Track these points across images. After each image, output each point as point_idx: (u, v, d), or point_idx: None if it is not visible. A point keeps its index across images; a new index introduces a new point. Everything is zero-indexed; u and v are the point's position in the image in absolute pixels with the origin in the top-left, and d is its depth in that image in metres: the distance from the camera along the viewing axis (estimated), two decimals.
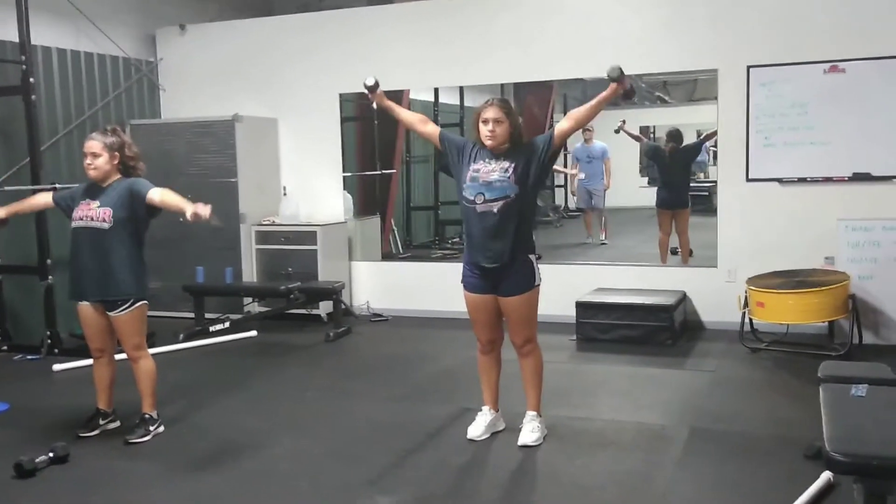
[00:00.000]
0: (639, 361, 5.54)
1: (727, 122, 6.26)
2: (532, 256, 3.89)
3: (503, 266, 3.82)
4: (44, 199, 4.39)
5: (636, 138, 8.68)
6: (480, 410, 4.14)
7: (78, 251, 4.12)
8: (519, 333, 3.95)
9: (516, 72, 6.98)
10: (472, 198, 3.82)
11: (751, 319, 5.75)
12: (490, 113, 3.78)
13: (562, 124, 3.84)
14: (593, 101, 3.78)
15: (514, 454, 3.88)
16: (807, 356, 5.39)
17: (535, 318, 3.99)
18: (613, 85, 3.71)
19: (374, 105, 4.03)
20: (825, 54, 5.92)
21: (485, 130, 3.79)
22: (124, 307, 4.07)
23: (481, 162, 3.83)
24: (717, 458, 3.78)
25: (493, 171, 3.79)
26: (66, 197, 4.23)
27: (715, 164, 6.75)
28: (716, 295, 6.30)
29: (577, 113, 3.83)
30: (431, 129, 4.11)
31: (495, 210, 3.77)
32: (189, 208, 3.82)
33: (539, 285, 3.92)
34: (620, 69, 3.68)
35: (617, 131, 8.35)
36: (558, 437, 4.09)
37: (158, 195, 4.03)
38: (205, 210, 3.79)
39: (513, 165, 3.77)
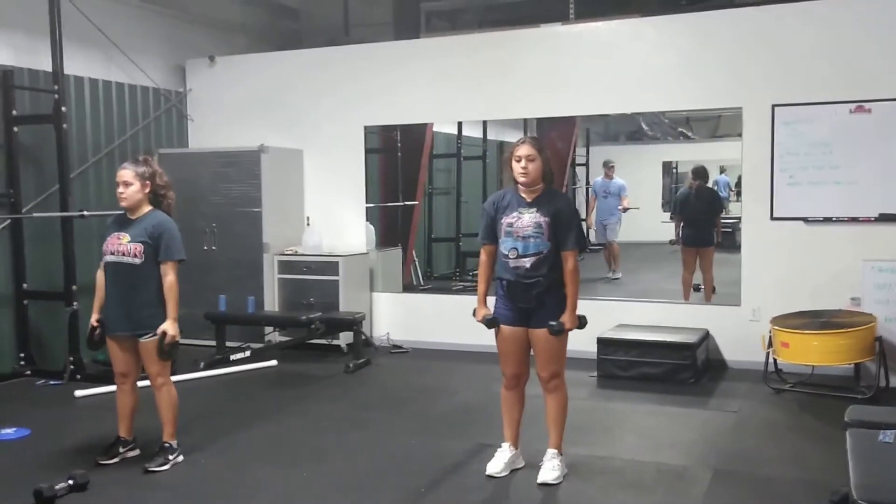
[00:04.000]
0: (660, 400, 5.48)
1: (751, 160, 6.25)
2: (565, 291, 3.91)
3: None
4: (101, 275, 4.27)
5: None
6: (500, 447, 4.11)
7: (110, 285, 4.17)
8: (546, 368, 3.94)
9: (539, 107, 7.02)
10: (506, 252, 3.89)
11: (775, 360, 5.68)
12: (522, 150, 3.87)
13: (569, 264, 3.88)
14: (572, 299, 3.90)
15: (534, 492, 3.84)
16: (832, 398, 5.31)
17: (564, 354, 3.98)
18: (573, 323, 3.90)
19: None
20: (851, 94, 5.90)
21: (518, 168, 3.88)
22: (153, 333, 4.11)
23: (514, 213, 3.89)
24: (740, 502, 3.72)
25: (527, 225, 3.84)
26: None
27: (738, 200, 6.73)
28: (739, 334, 6.23)
29: (571, 286, 3.90)
30: (487, 252, 4.03)
31: (528, 265, 3.84)
32: (167, 324, 4.05)
33: None
34: (561, 328, 3.87)
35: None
36: (578, 475, 4.05)
37: (164, 277, 4.11)
38: (171, 334, 4.04)
39: (546, 220, 3.83)
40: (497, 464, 4.03)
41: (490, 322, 3.99)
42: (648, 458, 4.31)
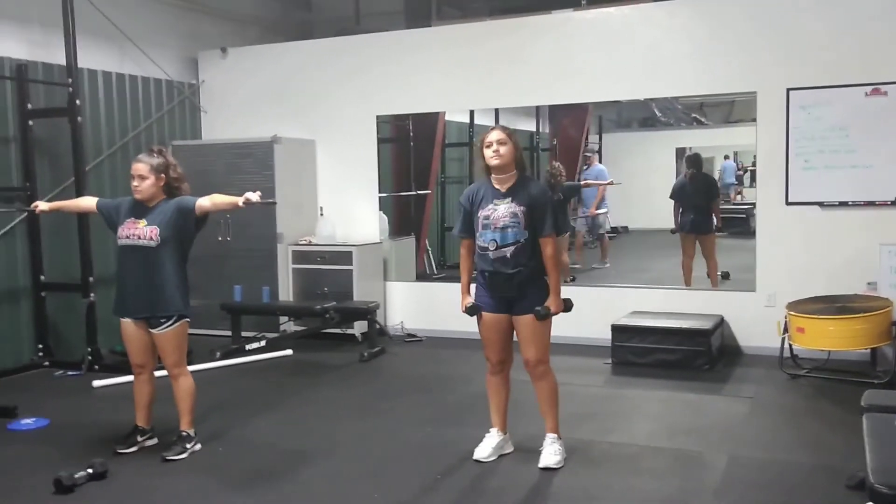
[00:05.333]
0: (675, 386, 5.47)
1: (766, 144, 6.20)
2: (546, 278, 3.93)
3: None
4: (87, 203, 4.52)
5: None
6: (488, 432, 4.13)
7: (124, 269, 4.21)
8: (532, 354, 3.96)
9: (552, 94, 7.00)
10: (485, 245, 3.90)
11: (791, 345, 5.66)
12: (492, 136, 3.91)
13: (546, 240, 3.87)
14: (554, 276, 3.87)
15: (549, 478, 3.85)
16: (848, 384, 5.29)
17: (549, 340, 3.99)
18: (558, 307, 3.91)
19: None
20: (867, 77, 5.84)
21: (489, 152, 3.89)
22: (167, 324, 4.14)
23: (489, 206, 3.91)
24: (756, 488, 3.71)
25: (503, 216, 3.86)
26: (111, 207, 4.31)
27: (752, 185, 6.69)
28: (754, 319, 6.21)
29: (551, 262, 3.88)
30: (467, 245, 4.07)
31: (508, 255, 3.86)
32: (240, 199, 3.98)
33: None
34: (547, 312, 3.87)
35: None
36: (594, 461, 4.06)
37: (208, 200, 4.15)
38: (254, 196, 3.95)
39: (522, 209, 3.84)
40: (484, 449, 4.06)
41: (471, 309, 4.04)
42: (664, 444, 4.32)
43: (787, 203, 6.13)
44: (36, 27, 6.41)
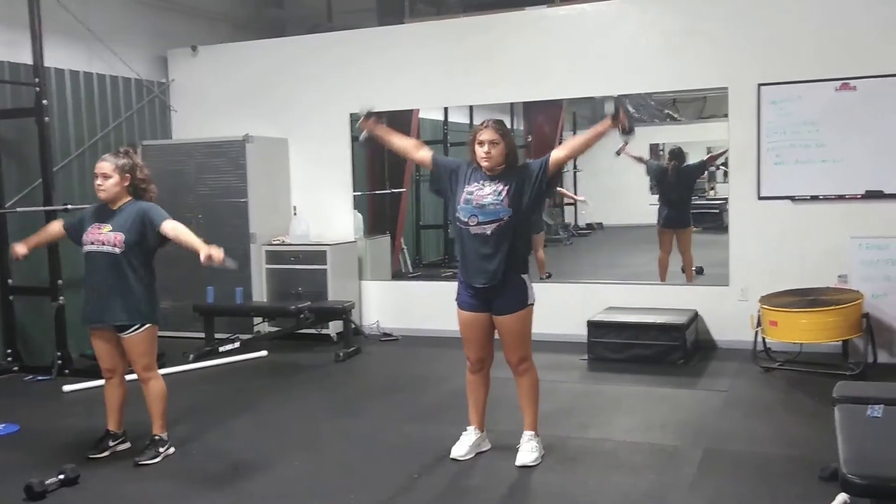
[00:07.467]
0: (651, 381, 5.49)
1: (738, 140, 6.25)
2: (525, 276, 3.91)
3: (496, 285, 3.85)
4: (55, 227, 4.39)
5: (638, 160, 8.52)
6: (465, 430, 4.12)
7: (90, 275, 4.14)
8: (514, 352, 3.95)
9: (526, 91, 7.00)
10: (465, 219, 3.86)
11: (764, 338, 5.70)
12: (485, 135, 3.83)
13: (557, 152, 3.87)
14: (589, 134, 3.86)
15: (526, 476, 3.85)
16: (821, 376, 5.34)
17: (530, 337, 3.98)
18: (607, 120, 3.79)
19: (365, 134, 4.14)
20: (836, 72, 5.90)
21: (480, 152, 3.84)
22: (135, 329, 4.08)
23: (476, 184, 3.88)
24: (732, 480, 3.74)
25: (486, 194, 3.83)
26: (75, 223, 4.24)
27: (725, 180, 6.74)
28: (728, 314, 6.26)
29: (573, 142, 3.99)
30: (424, 154, 4.09)
31: (489, 232, 3.81)
32: (203, 250, 3.86)
33: (532, 304, 3.94)
34: (619, 110, 3.77)
35: (618, 153, 8.25)
36: (571, 458, 4.06)
37: (172, 229, 4.04)
38: (218, 253, 3.83)
39: (506, 188, 3.82)
40: (462, 447, 4.05)
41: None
42: (640, 439, 4.33)
43: (760, 198, 6.18)
44: (1, 26, 6.29)
